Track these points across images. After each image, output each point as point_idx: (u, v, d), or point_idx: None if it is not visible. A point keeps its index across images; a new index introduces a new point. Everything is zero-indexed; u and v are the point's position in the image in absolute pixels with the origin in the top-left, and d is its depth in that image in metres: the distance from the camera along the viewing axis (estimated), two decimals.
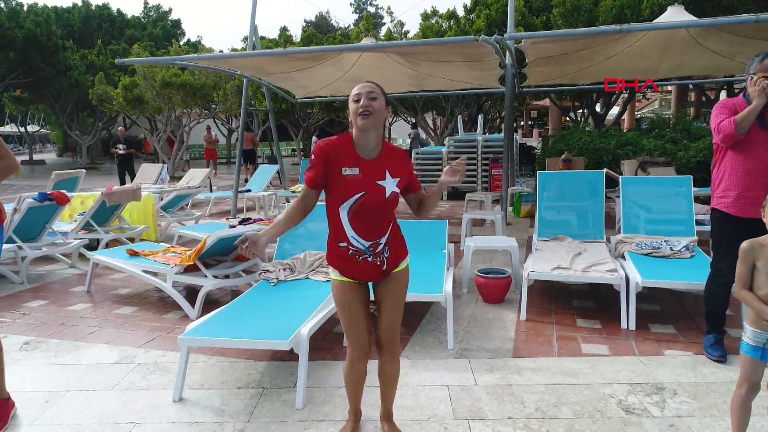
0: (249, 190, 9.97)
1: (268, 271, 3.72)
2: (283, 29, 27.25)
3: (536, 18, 13.15)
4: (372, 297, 2.21)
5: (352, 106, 2.01)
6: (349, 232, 2.04)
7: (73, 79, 21.30)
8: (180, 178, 15.17)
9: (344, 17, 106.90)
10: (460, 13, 15.88)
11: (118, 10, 31.08)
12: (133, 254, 4.57)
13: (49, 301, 4.42)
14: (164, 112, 15.90)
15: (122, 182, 13.07)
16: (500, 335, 3.48)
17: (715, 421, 2.39)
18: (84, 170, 8.83)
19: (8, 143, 24.16)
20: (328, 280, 3.55)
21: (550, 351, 3.22)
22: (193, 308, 3.91)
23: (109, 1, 31.52)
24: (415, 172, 2.20)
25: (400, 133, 30.58)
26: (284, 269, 3.74)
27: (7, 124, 40.35)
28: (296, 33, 62.26)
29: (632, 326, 3.51)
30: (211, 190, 11.27)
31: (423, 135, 17.58)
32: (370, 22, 14.27)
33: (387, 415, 2.32)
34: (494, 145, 10.39)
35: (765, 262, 2.03)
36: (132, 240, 6.14)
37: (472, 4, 15.54)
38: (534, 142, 32.91)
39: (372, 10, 74.30)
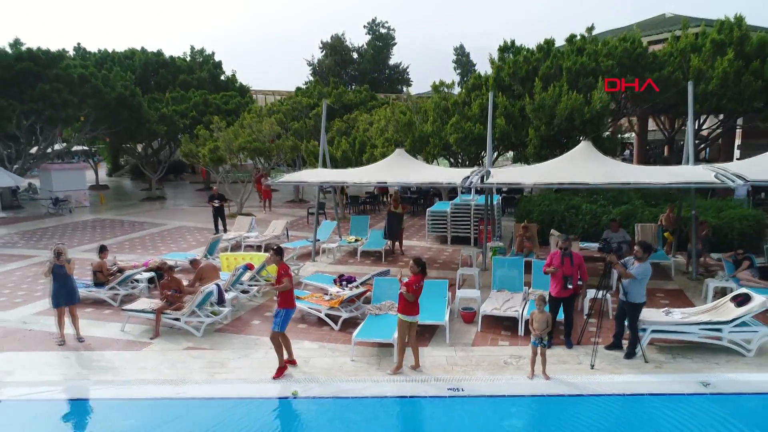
0: (318, 240, 14.97)
1: (370, 310, 8.79)
2: (316, 81, 32.31)
3: (514, 106, 18.05)
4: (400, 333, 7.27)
5: None
6: None
7: (152, 129, 26.56)
8: (247, 214, 20.43)
9: (358, 38, 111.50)
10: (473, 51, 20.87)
11: (170, 56, 36.14)
12: (298, 298, 9.61)
13: (263, 321, 9.49)
14: (238, 165, 21.06)
15: (216, 227, 17.99)
16: (468, 337, 8.51)
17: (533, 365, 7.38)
18: (221, 234, 13.90)
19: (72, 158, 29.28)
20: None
21: (486, 343, 8.25)
22: (336, 325, 8.95)
23: (162, 47, 36.62)
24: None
25: None
26: (378, 309, 8.80)
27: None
28: (314, 53, 66.91)
29: (522, 334, 8.50)
30: (287, 237, 16.28)
31: None
32: (397, 108, 19.19)
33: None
34: (482, 208, 15.34)
35: (536, 314, 7.04)
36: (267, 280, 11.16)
37: (471, 85, 20.50)
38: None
39: (384, 31, 79.04)
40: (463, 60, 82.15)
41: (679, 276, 11.83)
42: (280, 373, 7.34)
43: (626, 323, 7.78)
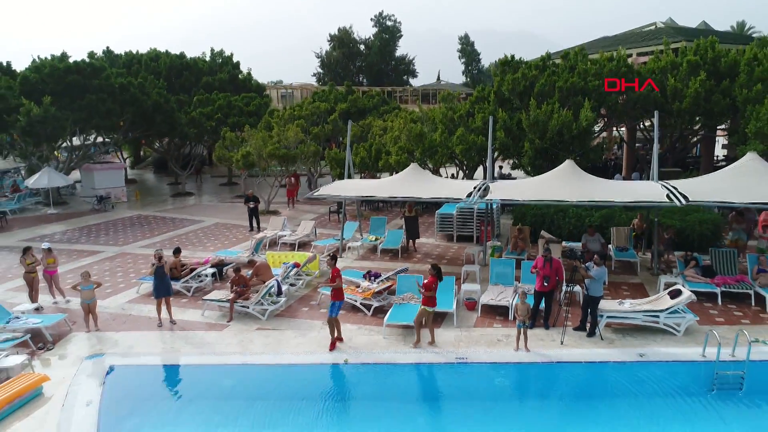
0: (343, 238, 17.56)
1: (395, 300, 11.43)
2: (331, 85, 34.60)
3: (512, 120, 20.48)
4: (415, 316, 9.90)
5: None
6: None
7: (183, 132, 29.10)
8: (274, 212, 23.03)
9: (365, 31, 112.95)
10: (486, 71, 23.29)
11: (192, 58, 38.53)
12: None
13: (309, 308, 12.15)
14: (266, 168, 23.64)
15: (251, 225, 20.65)
16: (470, 321, 11.15)
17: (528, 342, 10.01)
18: (265, 234, 16.53)
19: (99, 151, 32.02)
20: (417, 304, 11.16)
21: (484, 326, 10.90)
22: (369, 312, 11.60)
23: (184, 50, 38.99)
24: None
25: None
26: (401, 299, 11.43)
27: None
28: (322, 45, 69.13)
29: (512, 319, 11.11)
30: (316, 236, 18.88)
31: None
32: (408, 117, 21.64)
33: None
34: (483, 211, 17.87)
35: (519, 305, 9.65)
36: (308, 275, 13.80)
37: (474, 98, 22.96)
38: None
39: (390, 24, 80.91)
40: (468, 49, 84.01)
41: (644, 271, 14.41)
42: (333, 345, 9.98)
43: (589, 311, 10.38)
